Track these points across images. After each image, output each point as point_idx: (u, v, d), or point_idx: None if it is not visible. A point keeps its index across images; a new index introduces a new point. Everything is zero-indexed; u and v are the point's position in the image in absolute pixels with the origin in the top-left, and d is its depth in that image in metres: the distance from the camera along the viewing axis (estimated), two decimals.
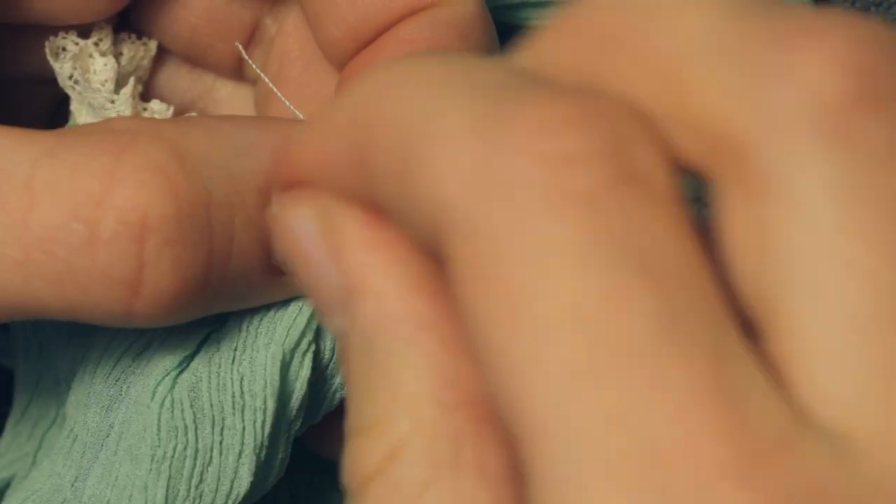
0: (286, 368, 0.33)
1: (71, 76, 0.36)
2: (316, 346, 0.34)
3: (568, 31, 0.24)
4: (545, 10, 0.41)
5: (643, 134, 0.22)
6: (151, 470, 0.33)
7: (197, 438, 0.33)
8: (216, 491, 0.33)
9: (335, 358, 0.34)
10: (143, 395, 0.34)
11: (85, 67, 0.36)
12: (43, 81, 0.37)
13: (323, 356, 0.34)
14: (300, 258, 0.25)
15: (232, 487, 0.33)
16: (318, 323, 0.34)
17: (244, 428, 0.33)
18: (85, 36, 0.36)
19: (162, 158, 0.30)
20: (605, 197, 0.21)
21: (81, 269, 0.29)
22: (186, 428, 0.33)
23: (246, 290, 0.32)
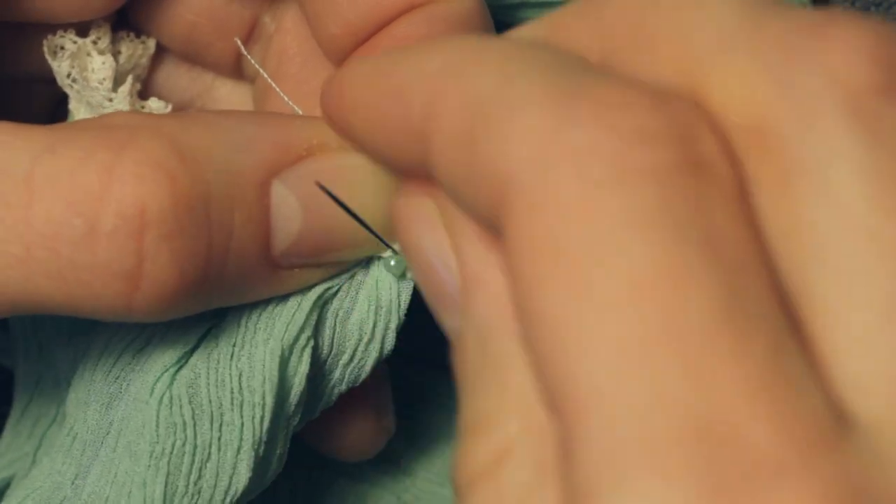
0: (285, 364, 0.33)
1: (69, 75, 0.36)
2: (314, 341, 0.34)
3: (591, 14, 0.24)
4: (545, 10, 0.41)
5: (707, 125, 0.22)
6: (150, 466, 0.33)
7: (195, 434, 0.33)
8: (215, 487, 0.33)
9: (333, 353, 0.34)
10: (141, 391, 0.34)
11: (83, 66, 0.36)
12: (42, 80, 0.37)
13: (321, 352, 0.34)
14: (420, 253, 0.25)
15: (230, 483, 0.33)
16: (316, 318, 0.34)
17: (243, 424, 0.33)
18: (83, 34, 0.36)
19: (161, 153, 0.30)
20: (674, 175, 0.21)
21: (82, 263, 0.29)
22: (185, 424, 0.33)
23: (245, 284, 0.32)
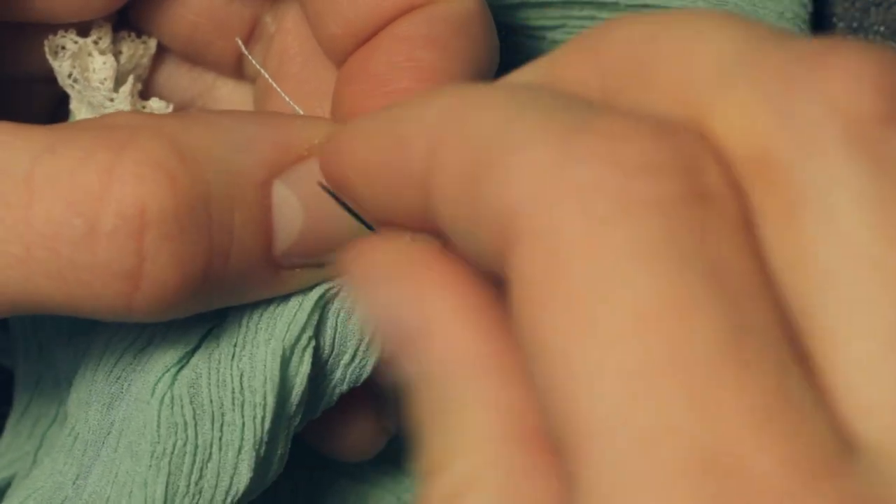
0: (286, 364, 0.33)
1: (70, 75, 0.36)
2: (316, 341, 0.34)
3: (589, 51, 0.24)
4: (545, 10, 0.41)
5: (712, 156, 0.22)
6: (151, 466, 0.33)
7: (196, 434, 0.33)
8: (216, 487, 0.33)
9: (334, 353, 0.34)
10: (143, 391, 0.34)
11: (84, 66, 0.36)
12: (43, 80, 0.37)
13: (322, 352, 0.34)
14: (377, 300, 0.25)
15: (231, 483, 0.33)
16: (317, 318, 0.34)
17: (244, 424, 0.33)
18: (84, 34, 0.36)
19: (161, 153, 0.30)
20: (678, 207, 0.21)
21: (82, 263, 0.29)
22: (186, 424, 0.33)
23: (245, 284, 0.32)
